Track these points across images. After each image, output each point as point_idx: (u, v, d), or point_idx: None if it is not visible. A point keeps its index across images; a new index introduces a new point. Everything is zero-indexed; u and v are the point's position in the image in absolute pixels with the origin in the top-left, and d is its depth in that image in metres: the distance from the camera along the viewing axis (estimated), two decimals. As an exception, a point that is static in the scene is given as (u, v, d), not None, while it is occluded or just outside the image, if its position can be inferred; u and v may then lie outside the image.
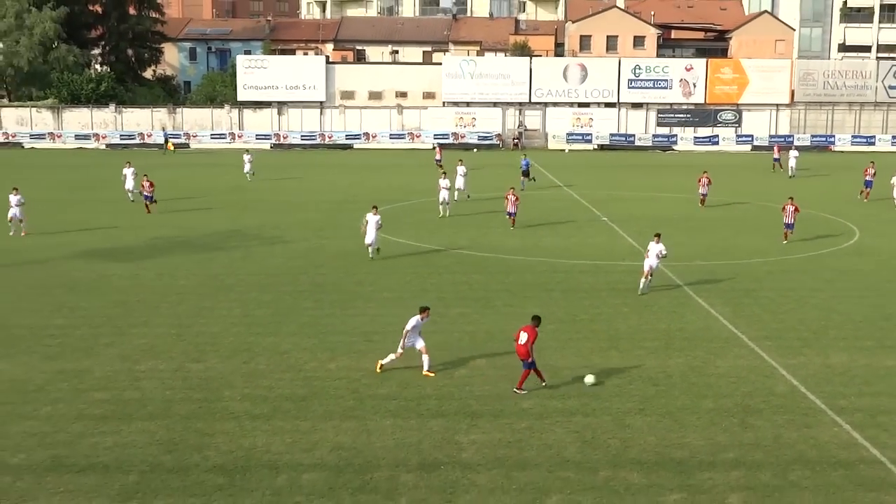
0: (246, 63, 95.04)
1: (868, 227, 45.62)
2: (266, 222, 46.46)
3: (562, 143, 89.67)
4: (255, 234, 43.32)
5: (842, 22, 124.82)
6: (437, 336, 26.87)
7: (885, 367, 24.59)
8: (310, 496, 17.11)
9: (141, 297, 31.25)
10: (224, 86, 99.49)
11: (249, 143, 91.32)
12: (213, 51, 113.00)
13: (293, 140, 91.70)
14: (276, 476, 17.88)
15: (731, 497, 17.21)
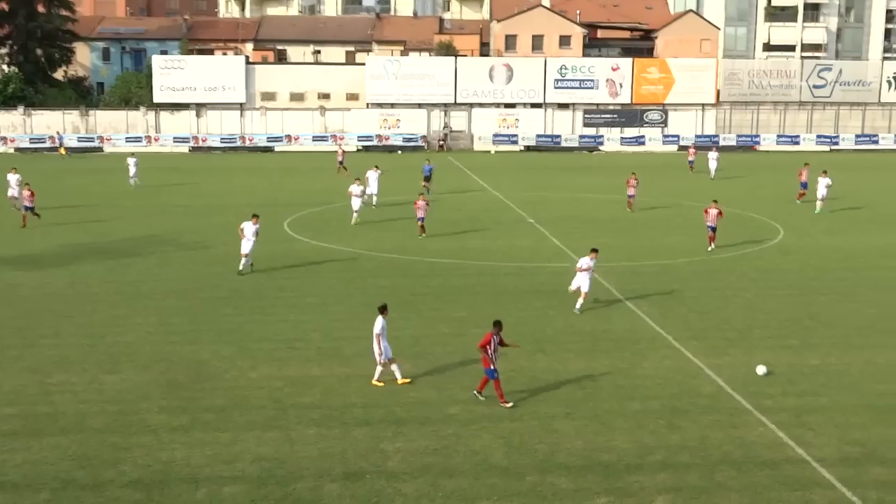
0: (162, 63, 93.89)
1: (792, 226, 46.56)
2: (184, 227, 45.95)
3: (488, 145, 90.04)
4: (173, 239, 42.82)
5: (766, 21, 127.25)
6: (362, 342, 26.83)
7: (809, 365, 25.13)
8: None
9: (51, 306, 30.68)
10: (139, 87, 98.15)
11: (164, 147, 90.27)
12: (127, 51, 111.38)
13: (213, 143, 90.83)
14: (195, 490, 17.70)
15: (658, 499, 17.45)
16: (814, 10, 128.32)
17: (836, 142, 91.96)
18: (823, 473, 18.55)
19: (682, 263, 37.86)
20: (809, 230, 45.72)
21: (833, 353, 26.15)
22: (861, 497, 17.55)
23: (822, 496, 17.66)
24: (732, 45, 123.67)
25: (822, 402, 22.41)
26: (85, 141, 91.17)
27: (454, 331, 28.10)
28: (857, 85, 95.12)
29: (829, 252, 40.41)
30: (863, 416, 21.54)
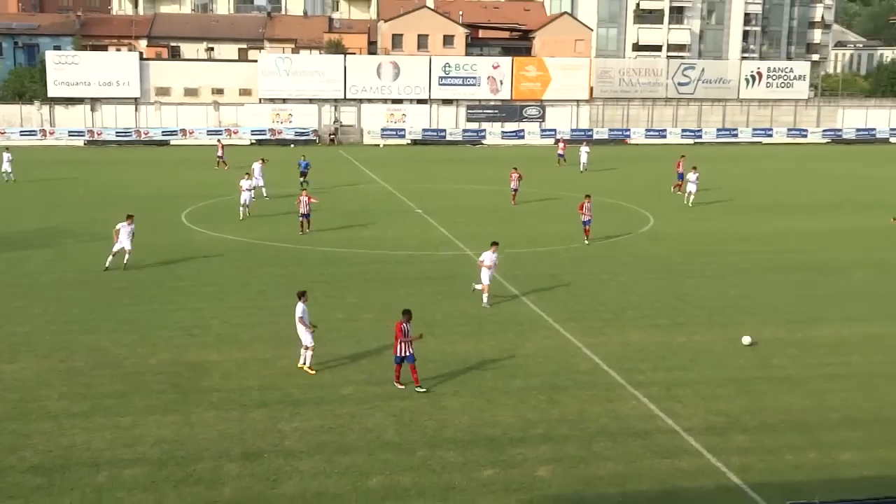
0: (56, 59, 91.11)
1: (662, 214, 47.60)
2: (81, 219, 44.76)
3: (376, 139, 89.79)
4: (70, 231, 41.70)
5: (635, 23, 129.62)
6: (259, 328, 26.66)
7: (677, 343, 25.79)
8: (132, 491, 16.70)
9: (-50, 298, 29.67)
10: (33, 81, 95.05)
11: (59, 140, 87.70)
12: (20, 46, 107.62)
13: (108, 137, 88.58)
14: (96, 473, 17.35)
15: (540, 469, 17.74)
16: (678, 14, 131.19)
17: (699, 135, 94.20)
18: (691, 442, 19.08)
19: (560, 250, 38.42)
20: (677, 218, 46.80)
21: (699, 332, 26.88)
22: (725, 463, 18.11)
23: (690, 463, 18.17)
24: (604, 45, 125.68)
25: (690, 377, 23.02)
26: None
27: (347, 316, 28.05)
28: (718, 83, 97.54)
29: (695, 238, 41.44)
30: (726, 388, 22.21)
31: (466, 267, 34.92)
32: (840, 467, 18.09)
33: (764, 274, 34.35)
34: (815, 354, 24.95)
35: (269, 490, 16.84)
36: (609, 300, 30.25)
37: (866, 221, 45.95)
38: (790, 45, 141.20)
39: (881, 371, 23.66)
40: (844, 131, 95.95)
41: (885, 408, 21.14)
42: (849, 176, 65.75)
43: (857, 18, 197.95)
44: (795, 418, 20.42)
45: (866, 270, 35.10)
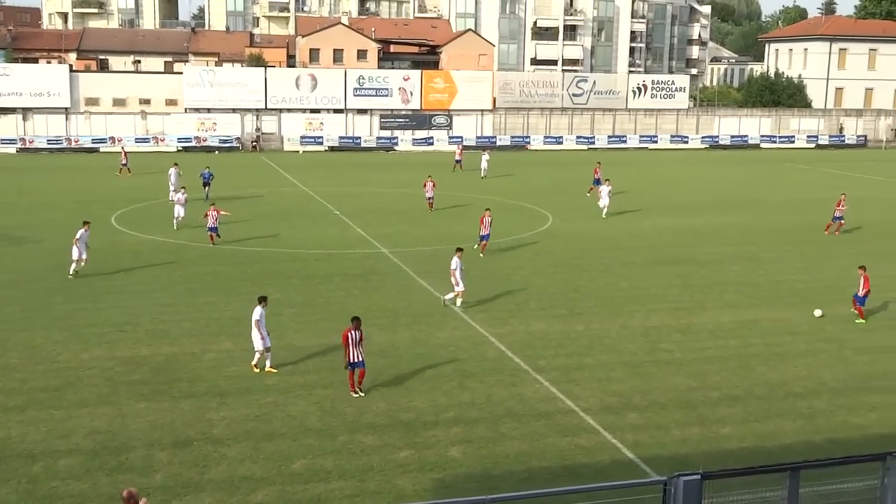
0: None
1: (559, 213, 48.01)
2: (13, 223, 43.30)
3: (296, 146, 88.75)
4: (2, 234, 40.26)
5: (533, 39, 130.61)
6: (187, 324, 26.18)
7: (575, 331, 26.07)
8: (66, 480, 16.23)
9: None
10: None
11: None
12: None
13: (40, 144, 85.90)
14: (32, 464, 16.83)
15: (451, 450, 17.75)
16: (572, 31, 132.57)
17: (592, 142, 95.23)
18: (589, 421, 19.30)
19: (468, 247, 38.40)
20: (574, 217, 47.23)
21: (595, 320, 27.21)
22: (619, 439, 18.37)
23: (588, 440, 18.38)
24: (505, 60, 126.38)
25: (587, 361, 23.29)
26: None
27: (270, 311, 27.48)
28: (608, 94, 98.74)
29: (590, 235, 41.93)
30: (620, 371, 22.53)
31: (381, 264, 34.82)
32: (721, 440, 18.49)
33: (651, 267, 34.92)
34: (697, 339, 25.47)
35: (199, 476, 16.53)
36: (513, 293, 30.43)
37: (740, 219, 47.04)
38: (671, 61, 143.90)
39: (756, 353, 24.26)
40: (721, 138, 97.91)
41: (759, 386, 21.68)
42: (725, 178, 67.24)
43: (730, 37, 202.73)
44: (681, 397, 20.81)
45: (740, 263, 35.93)
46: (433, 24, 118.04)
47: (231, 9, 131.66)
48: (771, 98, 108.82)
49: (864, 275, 27.71)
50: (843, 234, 42.43)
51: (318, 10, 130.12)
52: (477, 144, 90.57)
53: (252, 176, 64.40)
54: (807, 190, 60.26)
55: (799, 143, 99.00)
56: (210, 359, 23.04)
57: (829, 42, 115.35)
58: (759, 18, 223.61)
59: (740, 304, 29.35)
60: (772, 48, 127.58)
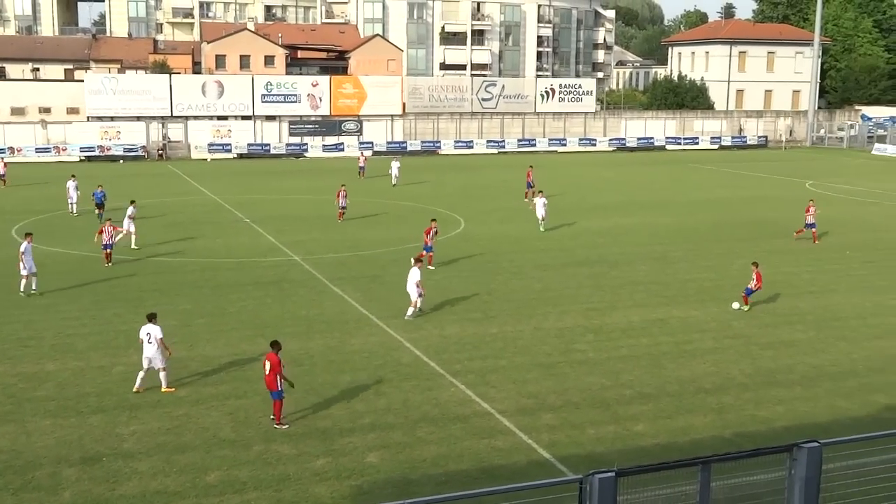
0: None
1: (471, 217, 48.25)
2: None
3: (204, 153, 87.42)
4: None
5: (441, 44, 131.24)
6: (94, 337, 25.56)
7: (490, 334, 26.23)
8: (-30, 502, 15.68)
9: None
10: None
11: None
12: None
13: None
14: (-68, 486, 16.20)
15: (369, 456, 17.69)
16: (480, 36, 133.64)
17: (502, 145, 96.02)
18: (505, 422, 19.44)
19: (380, 252, 38.42)
20: (486, 220, 47.52)
21: (508, 323, 27.41)
22: (535, 440, 18.54)
23: (505, 441, 18.50)
24: (414, 65, 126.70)
25: (502, 364, 23.45)
26: None
27: (181, 322, 27.20)
28: (517, 98, 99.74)
29: (501, 238, 42.22)
30: (534, 372, 22.74)
31: (293, 272, 34.53)
32: (635, 437, 18.80)
33: (563, 269, 35.35)
34: (609, 338, 25.87)
35: (109, 492, 16.14)
36: (427, 297, 30.43)
37: (648, 219, 47.98)
38: (578, 65, 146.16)
39: (666, 351, 24.75)
40: (628, 140, 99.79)
41: (671, 383, 22.12)
42: (633, 179, 68.48)
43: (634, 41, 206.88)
44: (595, 396, 21.11)
45: (649, 263, 36.63)
46: (341, 30, 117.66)
47: (133, 14, 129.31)
48: (675, 100, 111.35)
49: (756, 271, 29.05)
50: (745, 232, 43.62)
51: (223, 16, 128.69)
52: (388, 150, 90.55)
53: (159, 185, 63.21)
54: (711, 190, 61.79)
55: (703, 144, 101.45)
56: (119, 372, 22.51)
57: (730, 45, 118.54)
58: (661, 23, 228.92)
59: (650, 303, 29.92)
60: (675, 51, 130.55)
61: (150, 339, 20.89)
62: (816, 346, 25.47)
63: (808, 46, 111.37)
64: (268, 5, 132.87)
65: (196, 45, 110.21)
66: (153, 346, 20.87)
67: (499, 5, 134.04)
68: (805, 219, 41.89)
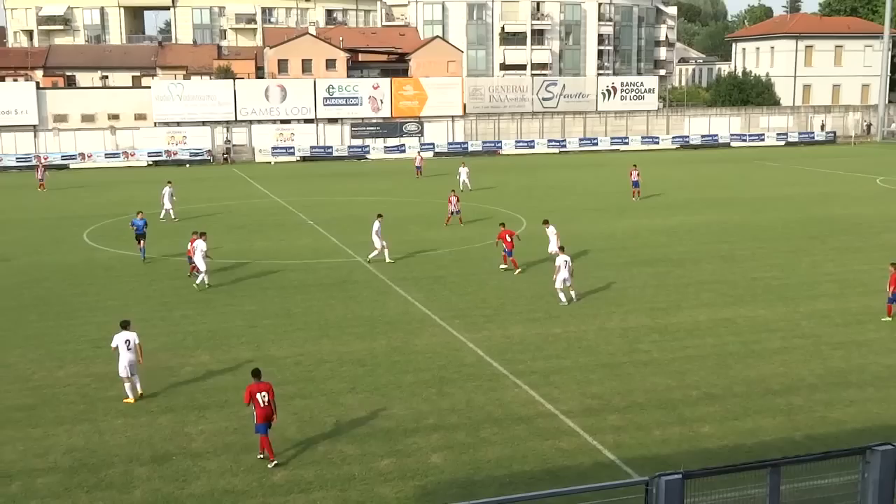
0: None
1: (533, 217, 47.96)
2: (-16, 242, 42.88)
3: (267, 156, 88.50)
4: (-26, 254, 39.91)
5: (501, 45, 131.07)
6: (163, 338, 25.99)
7: (553, 334, 26.10)
8: (45, 499, 16.06)
9: None
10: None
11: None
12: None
13: (8, 163, 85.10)
14: (9, 483, 16.64)
15: (433, 457, 17.71)
16: (539, 35, 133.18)
17: (563, 145, 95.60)
18: (569, 423, 19.31)
19: (442, 253, 38.49)
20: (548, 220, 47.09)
21: (572, 323, 27.24)
22: (600, 441, 18.39)
23: (569, 442, 18.38)
24: (474, 66, 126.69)
25: (565, 364, 23.31)
26: None
27: (247, 323, 27.57)
28: (578, 97, 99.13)
29: (564, 238, 41.71)
30: (598, 373, 22.56)
31: (357, 272, 34.74)
32: (701, 439, 18.55)
33: (627, 268, 35.04)
34: (675, 338, 25.56)
35: (179, 490, 16.41)
36: (489, 298, 30.43)
37: (713, 217, 47.32)
38: (640, 62, 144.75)
39: (733, 351, 24.38)
40: (691, 137, 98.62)
41: (738, 383, 21.78)
42: (697, 177, 67.66)
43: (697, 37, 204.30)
44: (661, 397, 20.87)
45: (715, 262, 36.13)
46: (401, 32, 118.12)
47: (198, 22, 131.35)
48: (740, 97, 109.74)
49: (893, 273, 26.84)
50: (814, 230, 42.79)
51: (285, 21, 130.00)
52: (449, 151, 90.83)
53: (224, 188, 64.14)
54: (778, 187, 60.72)
55: (769, 140, 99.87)
56: (187, 372, 22.88)
57: (796, 40, 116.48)
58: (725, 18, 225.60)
59: (716, 303, 29.50)
60: (739, 47, 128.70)
61: (129, 346, 20.88)
62: (889, 345, 24.86)
63: (878, 39, 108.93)
64: (329, 9, 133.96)
65: (259, 50, 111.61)
66: (132, 353, 20.82)
67: (559, 4, 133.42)
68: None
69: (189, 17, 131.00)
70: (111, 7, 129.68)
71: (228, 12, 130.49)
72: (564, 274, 29.03)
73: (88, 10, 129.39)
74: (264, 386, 17.69)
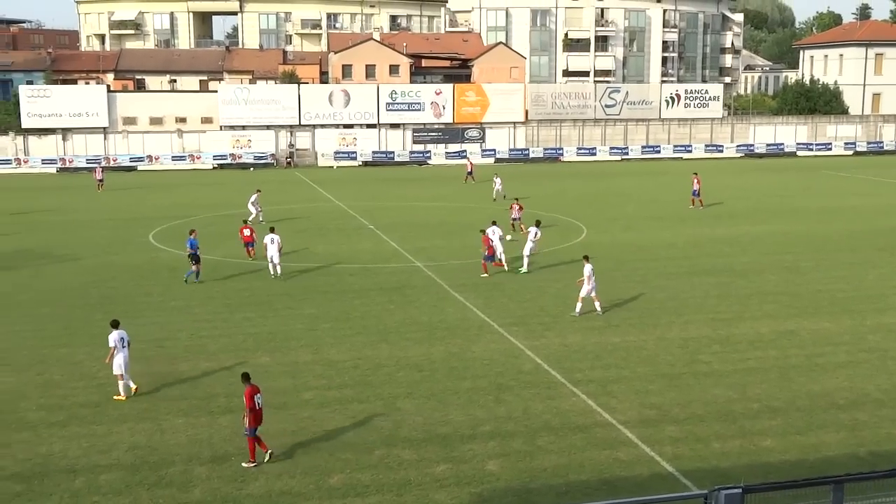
0: (28, 93, 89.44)
1: (594, 225, 47.76)
2: (54, 242, 43.89)
3: (330, 161, 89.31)
4: (44, 252, 40.86)
5: (564, 51, 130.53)
6: (224, 339, 26.33)
7: (611, 343, 25.88)
8: (107, 495, 16.34)
9: (-70, 318, 28.87)
10: (8, 114, 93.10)
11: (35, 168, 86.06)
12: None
13: (79, 164, 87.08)
14: (73, 479, 16.98)
15: (489, 464, 17.66)
16: (603, 42, 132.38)
17: (626, 152, 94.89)
18: (627, 434, 19.12)
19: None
20: (609, 228, 46.97)
21: (631, 332, 26.99)
22: (658, 452, 18.17)
23: (627, 453, 18.19)
24: (537, 72, 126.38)
25: (624, 374, 23.10)
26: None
27: (306, 326, 27.80)
28: (641, 104, 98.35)
29: (626, 246, 41.65)
30: (657, 383, 22.31)
31: (416, 278, 34.83)
32: (762, 453, 18.22)
33: (687, 277, 34.62)
34: (736, 350, 25.17)
35: (237, 491, 16.58)
36: (548, 305, 30.28)
37: (777, 227, 46.55)
38: (705, 69, 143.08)
39: (796, 364, 23.92)
40: (756, 146, 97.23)
41: (801, 397, 21.37)
42: (761, 186, 66.64)
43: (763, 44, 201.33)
44: (721, 409, 20.55)
45: (778, 272, 35.52)
46: (464, 38, 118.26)
47: (264, 27, 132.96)
48: (807, 105, 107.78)
49: None
50: (882, 242, 41.85)
51: (349, 26, 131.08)
52: (509, 157, 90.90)
53: (287, 192, 64.82)
54: (845, 197, 59.52)
55: (836, 150, 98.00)
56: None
57: (865, 47, 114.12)
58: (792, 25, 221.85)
59: (779, 315, 28.99)
60: (806, 55, 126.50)
61: (123, 344, 21.50)
62: (959, 361, 24.20)
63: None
64: (393, 15, 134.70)
65: (323, 55, 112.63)
66: (126, 350, 21.49)
67: (623, 11, 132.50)
68: None
69: (256, 22, 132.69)
70: (180, 12, 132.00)
71: (294, 17, 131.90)
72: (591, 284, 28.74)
73: (159, 15, 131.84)
74: (258, 389, 18.06)
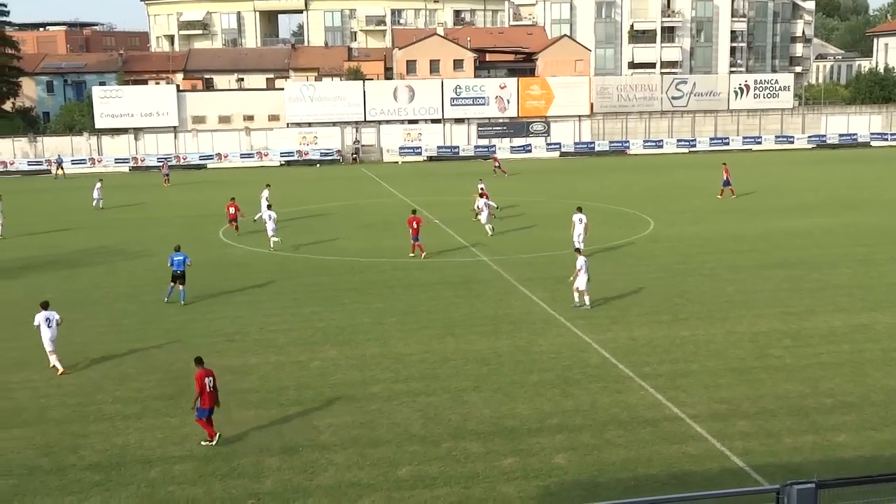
0: (101, 93, 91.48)
1: (661, 218, 47.31)
2: (128, 239, 44.90)
3: (395, 156, 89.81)
4: (119, 249, 41.83)
5: (630, 43, 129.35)
6: (293, 333, 26.68)
7: (680, 336, 25.62)
8: (182, 485, 16.70)
9: (9, 313, 29.73)
10: (82, 115, 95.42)
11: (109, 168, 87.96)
12: (69, 83, 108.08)
13: (150, 163, 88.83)
14: (149, 469, 17.38)
15: (556, 457, 17.63)
16: (670, 33, 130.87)
17: (693, 144, 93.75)
18: (696, 428, 18.93)
19: (567, 254, 38.14)
20: (676, 221, 46.47)
21: (700, 326, 26.69)
22: (728, 447, 17.95)
23: (696, 447, 18.02)
24: (602, 64, 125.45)
25: (693, 368, 22.86)
26: (34, 164, 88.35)
27: (373, 320, 28.01)
28: (709, 95, 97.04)
29: (693, 239, 41.19)
30: (727, 377, 22.04)
31: (482, 272, 34.86)
32: (836, 448, 17.90)
33: (757, 270, 34.11)
34: (808, 344, 24.74)
35: (308, 482, 16.81)
36: (615, 299, 30.08)
37: (850, 219, 45.60)
38: (774, 59, 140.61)
39: (870, 358, 23.43)
40: (828, 137, 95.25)
41: (876, 392, 20.93)
42: (834, 178, 65.31)
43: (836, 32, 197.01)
44: (793, 404, 20.23)
45: (852, 265, 34.81)
46: (528, 32, 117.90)
47: (329, 24, 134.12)
48: (881, 94, 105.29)
49: None
50: (961, 234, 40.74)
51: (413, 22, 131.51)
52: (575, 150, 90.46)
53: (353, 187, 65.34)
54: (921, 188, 58.04)
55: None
56: (316, 367, 23.41)
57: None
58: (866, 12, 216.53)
59: (853, 308, 28.41)
60: (881, 42, 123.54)
61: (49, 324, 23.42)
62: None
63: None
64: (456, 10, 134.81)
65: (388, 51, 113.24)
66: (52, 330, 23.36)
67: (690, 1, 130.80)
68: None
69: (321, 19, 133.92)
70: (247, 11, 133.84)
71: (359, 14, 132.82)
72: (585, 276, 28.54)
73: (226, 15, 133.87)
74: (210, 372, 18.81)
